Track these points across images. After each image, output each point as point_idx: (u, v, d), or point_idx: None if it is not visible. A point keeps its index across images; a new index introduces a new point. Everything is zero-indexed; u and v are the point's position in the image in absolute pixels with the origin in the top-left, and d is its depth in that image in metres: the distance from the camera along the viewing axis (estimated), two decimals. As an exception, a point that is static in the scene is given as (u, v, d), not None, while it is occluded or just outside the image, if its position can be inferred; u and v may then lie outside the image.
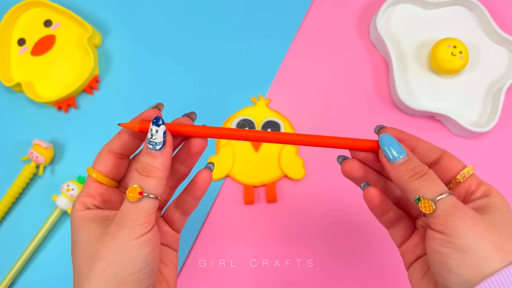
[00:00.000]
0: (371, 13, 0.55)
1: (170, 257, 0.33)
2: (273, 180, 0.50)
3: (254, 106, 0.52)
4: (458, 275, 0.27)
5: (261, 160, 0.50)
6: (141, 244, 0.27)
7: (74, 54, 0.53)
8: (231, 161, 0.50)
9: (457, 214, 0.28)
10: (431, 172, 0.30)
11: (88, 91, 0.53)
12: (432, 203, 0.28)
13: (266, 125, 0.51)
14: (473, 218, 0.28)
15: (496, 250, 0.27)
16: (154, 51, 0.55)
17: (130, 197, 0.27)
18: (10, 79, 0.52)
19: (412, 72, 0.53)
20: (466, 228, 0.27)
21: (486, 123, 0.51)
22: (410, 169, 0.30)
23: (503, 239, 0.27)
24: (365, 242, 0.51)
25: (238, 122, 0.51)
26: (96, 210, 0.30)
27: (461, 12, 0.54)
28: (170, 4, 0.56)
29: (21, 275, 0.50)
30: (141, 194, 0.27)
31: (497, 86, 0.52)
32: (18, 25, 0.54)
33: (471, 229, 0.27)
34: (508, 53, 0.53)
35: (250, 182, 0.50)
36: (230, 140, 0.49)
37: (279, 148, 0.50)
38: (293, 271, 0.50)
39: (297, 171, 0.50)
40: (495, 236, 0.27)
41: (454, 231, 0.27)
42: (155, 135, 0.29)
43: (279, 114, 0.52)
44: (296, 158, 0.50)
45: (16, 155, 0.52)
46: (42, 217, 0.51)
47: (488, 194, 0.30)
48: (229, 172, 0.50)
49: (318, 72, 0.54)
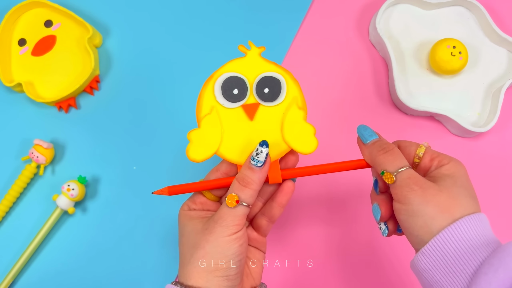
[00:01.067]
0: (370, 14, 0.56)
1: (257, 256, 0.40)
2: (276, 157, 0.38)
3: (243, 58, 0.39)
4: (416, 237, 0.32)
5: (258, 130, 0.38)
6: (232, 240, 0.34)
7: (74, 54, 0.53)
8: (219, 134, 0.38)
9: (410, 185, 0.33)
10: (395, 149, 0.35)
11: (89, 91, 0.53)
12: (393, 175, 0.34)
13: (262, 82, 0.38)
14: (423, 187, 0.32)
15: (441, 211, 0.31)
16: (154, 51, 0.55)
17: (228, 203, 0.34)
18: (11, 79, 0.53)
19: (411, 72, 0.53)
20: (415, 196, 0.32)
21: (486, 123, 0.51)
22: (378, 145, 0.36)
23: (448, 199, 0.32)
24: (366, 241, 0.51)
25: (223, 82, 0.38)
26: (199, 211, 0.38)
27: (460, 13, 0.54)
28: (170, 4, 0.56)
29: (22, 275, 0.51)
30: (237, 202, 0.34)
31: (497, 86, 0.52)
32: (19, 25, 0.54)
33: (420, 196, 0.32)
34: (507, 53, 0.54)
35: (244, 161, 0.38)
36: (215, 106, 0.38)
37: (281, 113, 0.38)
38: (293, 271, 0.50)
39: (307, 142, 0.38)
40: (441, 199, 0.32)
41: (406, 199, 0.33)
42: (260, 154, 0.35)
43: (278, 67, 0.39)
44: (305, 125, 0.38)
45: (17, 155, 0.52)
46: (42, 217, 0.51)
47: (440, 165, 0.35)
48: (217, 150, 0.38)
49: (317, 72, 0.55)
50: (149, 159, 0.53)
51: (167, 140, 0.53)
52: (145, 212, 0.51)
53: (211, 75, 0.38)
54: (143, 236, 0.51)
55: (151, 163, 0.52)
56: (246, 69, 0.38)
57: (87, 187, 0.52)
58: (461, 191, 0.33)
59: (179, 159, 0.52)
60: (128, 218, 0.52)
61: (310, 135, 0.38)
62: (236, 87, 0.38)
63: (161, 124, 0.53)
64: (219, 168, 0.39)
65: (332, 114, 0.53)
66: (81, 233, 0.51)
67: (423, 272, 0.32)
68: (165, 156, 0.53)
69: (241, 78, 0.38)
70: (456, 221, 0.31)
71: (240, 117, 0.38)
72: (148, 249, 0.51)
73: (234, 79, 0.38)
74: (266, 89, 0.38)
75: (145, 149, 0.53)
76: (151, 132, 0.53)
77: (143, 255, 0.50)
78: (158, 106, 0.54)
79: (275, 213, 0.39)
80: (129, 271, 0.50)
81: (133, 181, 0.52)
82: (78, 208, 0.52)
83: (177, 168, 0.52)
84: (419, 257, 0.32)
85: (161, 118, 0.53)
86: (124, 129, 0.53)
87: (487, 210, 0.51)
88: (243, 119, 0.38)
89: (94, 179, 0.52)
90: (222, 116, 0.38)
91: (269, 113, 0.38)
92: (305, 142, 0.38)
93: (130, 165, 0.52)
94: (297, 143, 0.38)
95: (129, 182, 0.52)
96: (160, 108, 0.54)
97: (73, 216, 0.52)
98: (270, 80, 0.38)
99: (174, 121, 0.53)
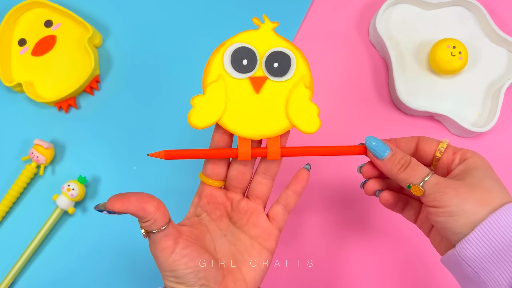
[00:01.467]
0: (370, 14, 0.56)
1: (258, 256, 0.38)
2: (278, 132, 0.38)
3: (256, 30, 0.39)
4: (459, 234, 0.33)
5: (262, 104, 0.38)
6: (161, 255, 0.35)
7: (74, 54, 0.53)
8: (223, 103, 0.38)
9: (441, 190, 0.34)
10: (413, 161, 0.36)
11: (89, 91, 0.54)
12: (420, 187, 0.35)
13: (272, 56, 0.38)
14: (455, 187, 0.34)
15: (480, 205, 0.32)
16: (154, 51, 0.55)
17: None
18: (11, 79, 0.53)
19: (411, 72, 0.53)
20: (450, 197, 0.33)
21: (486, 123, 0.51)
22: (397, 162, 0.36)
23: (484, 193, 0.33)
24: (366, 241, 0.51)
25: (233, 51, 0.38)
26: None
27: (460, 13, 0.55)
28: (169, 5, 0.56)
29: (22, 274, 0.51)
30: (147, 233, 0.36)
31: (497, 86, 0.52)
32: (19, 25, 0.55)
33: (455, 197, 0.33)
34: (507, 53, 0.54)
35: (247, 134, 0.38)
36: (222, 74, 0.38)
37: (288, 90, 0.38)
38: (293, 271, 0.51)
39: (311, 122, 0.38)
40: (476, 194, 0.33)
41: (443, 203, 0.33)
42: None
43: (289, 43, 0.39)
44: (310, 104, 0.38)
45: (17, 155, 0.53)
46: (43, 217, 0.51)
47: (464, 159, 0.36)
48: (219, 119, 0.38)
49: (318, 72, 0.54)
50: (149, 159, 0.51)
51: (167, 139, 0.53)
52: None
53: (222, 43, 0.38)
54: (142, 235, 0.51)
55: (151, 163, 0.52)
56: (258, 41, 0.38)
57: (87, 187, 0.52)
58: (493, 183, 0.34)
59: None
60: (128, 218, 0.51)
61: (314, 115, 0.38)
62: (245, 58, 0.38)
63: (161, 124, 0.54)
64: None
65: (333, 114, 0.54)
66: (81, 233, 0.52)
67: (468, 261, 0.33)
68: None
69: (251, 50, 0.38)
70: (497, 210, 0.32)
71: (246, 89, 0.38)
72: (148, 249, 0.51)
73: (245, 50, 0.38)
74: (276, 63, 0.38)
75: (145, 149, 0.52)
76: (151, 132, 0.54)
77: (143, 255, 0.51)
78: (157, 106, 0.54)
79: (291, 201, 0.40)
80: (129, 270, 0.51)
81: (133, 181, 0.52)
82: (78, 208, 0.52)
83: (176, 167, 0.53)
84: (464, 245, 0.32)
85: (161, 117, 0.54)
86: (124, 129, 0.54)
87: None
88: (249, 91, 0.38)
89: (94, 179, 0.52)
90: (228, 86, 0.38)
91: (275, 88, 0.38)
92: (309, 122, 0.38)
93: (130, 165, 0.53)
94: (300, 122, 0.38)
95: (129, 182, 0.52)
96: (160, 108, 0.54)
97: (73, 216, 0.52)
98: (280, 55, 0.38)
99: (174, 120, 0.54)
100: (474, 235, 0.32)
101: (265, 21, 0.39)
